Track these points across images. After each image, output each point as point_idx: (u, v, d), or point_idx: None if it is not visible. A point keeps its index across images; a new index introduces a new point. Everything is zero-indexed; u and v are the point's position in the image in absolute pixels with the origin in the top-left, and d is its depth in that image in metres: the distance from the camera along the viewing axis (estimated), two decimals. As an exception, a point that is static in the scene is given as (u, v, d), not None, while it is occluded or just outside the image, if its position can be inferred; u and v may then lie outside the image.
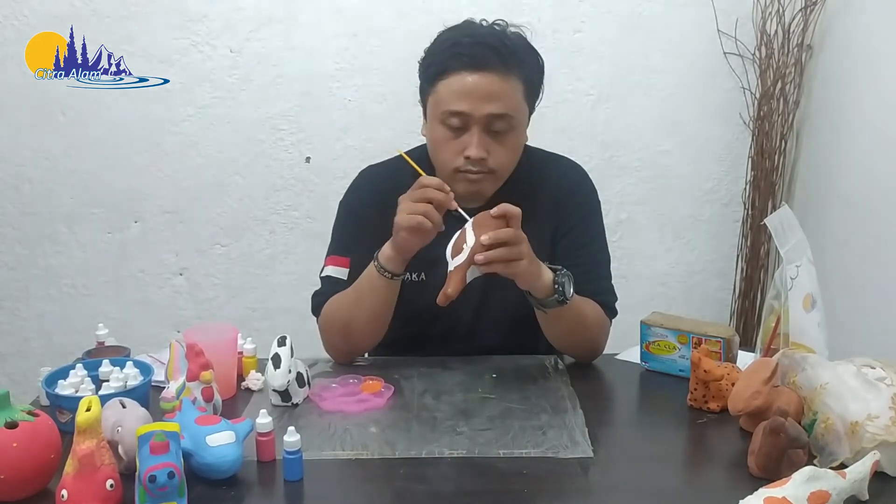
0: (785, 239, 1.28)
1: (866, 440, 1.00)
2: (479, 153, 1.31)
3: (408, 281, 1.41)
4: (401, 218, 1.25)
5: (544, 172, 1.47)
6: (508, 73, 1.31)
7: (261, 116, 2.36)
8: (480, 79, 1.29)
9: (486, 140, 1.32)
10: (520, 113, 1.35)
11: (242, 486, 1.01)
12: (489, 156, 1.32)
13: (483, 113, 1.30)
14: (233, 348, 1.33)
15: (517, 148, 1.38)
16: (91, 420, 0.93)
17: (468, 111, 1.30)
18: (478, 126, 1.31)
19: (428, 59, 1.37)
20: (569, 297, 1.28)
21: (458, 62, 1.30)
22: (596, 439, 1.12)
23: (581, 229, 1.45)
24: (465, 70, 1.30)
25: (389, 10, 2.30)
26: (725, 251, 2.52)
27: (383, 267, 1.32)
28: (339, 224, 1.49)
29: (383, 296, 1.35)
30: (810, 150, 2.33)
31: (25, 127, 2.33)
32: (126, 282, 2.45)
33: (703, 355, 1.22)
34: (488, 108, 1.30)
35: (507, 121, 1.32)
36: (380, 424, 1.17)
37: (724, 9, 2.31)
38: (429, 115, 1.38)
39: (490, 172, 1.34)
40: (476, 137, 1.31)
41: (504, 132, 1.33)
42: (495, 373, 1.35)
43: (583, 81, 2.37)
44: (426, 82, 1.37)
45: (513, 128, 1.34)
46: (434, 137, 1.36)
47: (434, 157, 1.39)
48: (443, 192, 1.25)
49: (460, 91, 1.30)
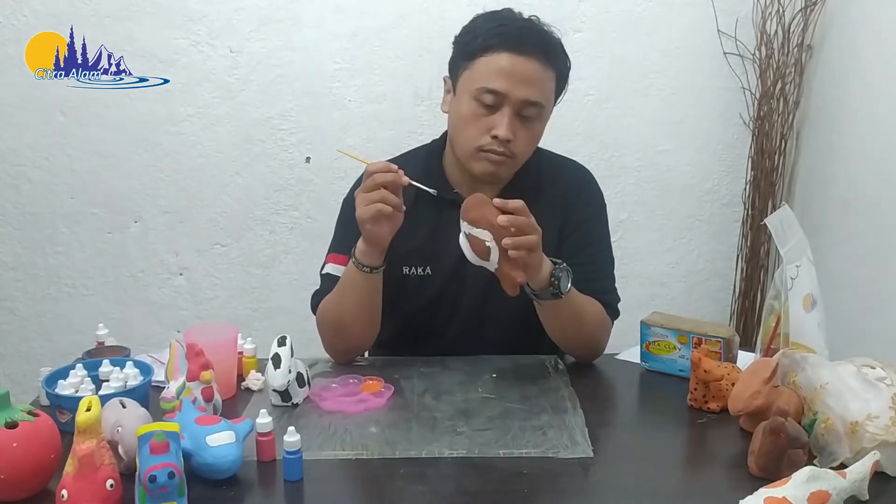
0: (785, 239, 1.28)
1: (866, 440, 1.00)
2: (507, 134, 1.31)
3: (413, 276, 1.42)
4: (360, 211, 1.26)
5: (553, 173, 1.48)
6: (548, 63, 1.33)
7: (261, 116, 2.36)
8: (523, 62, 1.31)
9: (515, 123, 1.33)
10: (549, 104, 1.37)
11: (242, 486, 1.01)
12: (514, 139, 1.33)
13: (519, 96, 1.31)
14: (233, 348, 1.33)
15: (538, 138, 1.40)
16: (91, 420, 0.93)
17: (505, 91, 1.31)
18: (510, 108, 1.32)
19: (468, 35, 1.37)
20: (564, 291, 1.28)
21: (504, 42, 1.31)
22: (596, 439, 1.12)
23: (586, 229, 1.46)
24: (509, 51, 1.31)
25: (389, 10, 2.30)
26: (725, 251, 2.52)
27: (360, 261, 1.32)
28: (341, 222, 1.49)
29: (365, 291, 1.35)
30: (810, 150, 2.33)
31: (25, 127, 2.33)
32: (126, 282, 2.45)
33: (703, 355, 1.22)
34: (525, 92, 1.31)
35: (538, 108, 1.34)
36: (380, 424, 1.17)
37: (724, 9, 2.32)
38: (459, 90, 1.37)
39: (511, 157, 1.35)
40: (507, 118, 1.32)
41: (532, 119, 1.34)
42: (495, 373, 1.35)
43: (583, 81, 2.37)
44: (464, 57, 1.36)
45: (540, 117, 1.36)
46: (462, 112, 1.35)
47: (457, 133, 1.38)
48: (390, 172, 1.25)
49: (501, 70, 1.31)
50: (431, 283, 1.43)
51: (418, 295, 1.43)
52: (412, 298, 1.42)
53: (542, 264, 1.26)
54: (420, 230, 1.40)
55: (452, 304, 1.44)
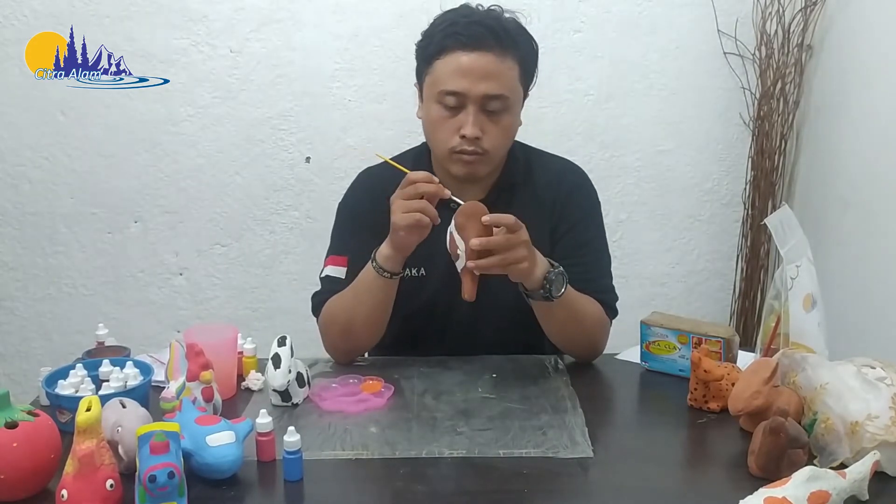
0: (785, 239, 1.28)
1: (866, 440, 1.00)
2: (474, 132, 1.31)
3: (407, 277, 1.42)
4: (397, 217, 1.25)
5: (544, 172, 1.47)
6: (504, 53, 1.32)
7: (261, 116, 2.36)
8: (477, 58, 1.30)
9: (481, 119, 1.32)
10: (515, 94, 1.35)
11: (242, 486, 1.01)
12: (484, 135, 1.33)
13: (479, 92, 1.31)
14: (233, 348, 1.33)
15: (511, 130, 1.38)
16: (91, 420, 0.93)
17: (464, 90, 1.31)
18: (473, 105, 1.31)
19: (425, 40, 1.38)
20: (555, 296, 1.28)
21: (455, 42, 1.31)
22: (596, 439, 1.12)
23: (581, 229, 1.45)
24: (462, 49, 1.31)
25: (389, 10, 2.30)
26: (725, 251, 2.52)
27: (381, 266, 1.32)
28: (337, 225, 1.50)
29: (382, 295, 1.35)
30: (810, 150, 2.33)
31: (25, 127, 2.33)
32: (126, 282, 2.45)
33: (703, 355, 1.22)
34: (484, 87, 1.30)
35: (502, 101, 1.33)
36: (380, 424, 1.17)
37: (724, 9, 2.31)
38: (425, 96, 1.39)
39: (484, 153, 1.34)
40: (472, 116, 1.32)
41: (499, 112, 1.33)
42: (495, 373, 1.35)
43: (583, 81, 2.37)
44: (423, 62, 1.38)
45: (507, 109, 1.34)
46: (430, 117, 1.37)
47: (429, 138, 1.40)
48: (432, 183, 1.25)
49: (457, 70, 1.31)
50: (426, 284, 1.43)
51: (414, 296, 1.43)
52: (408, 300, 1.42)
53: (535, 267, 1.25)
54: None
55: (448, 306, 1.44)
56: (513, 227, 1.21)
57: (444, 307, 1.44)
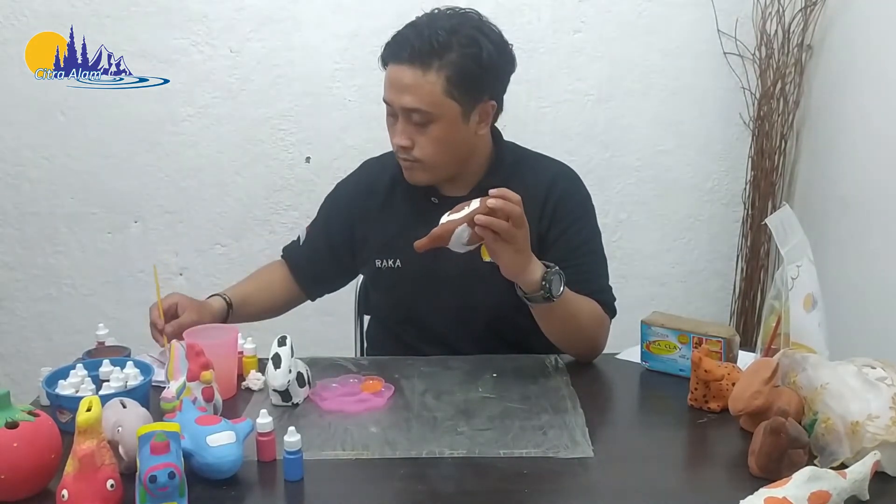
0: (785, 239, 1.28)
1: (867, 440, 1.00)
2: (399, 141, 1.36)
3: (384, 268, 1.45)
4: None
5: (534, 174, 1.47)
6: (427, 67, 1.32)
7: (261, 116, 2.36)
8: (398, 71, 1.34)
9: (409, 129, 1.35)
10: (439, 107, 1.33)
11: (242, 486, 1.01)
12: (415, 145, 1.36)
13: (400, 105, 1.34)
14: (233, 348, 1.33)
15: (443, 140, 1.36)
16: (91, 420, 0.93)
17: (389, 101, 1.36)
18: (401, 115, 1.35)
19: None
20: (556, 295, 1.27)
21: (387, 52, 1.37)
22: (596, 439, 1.12)
23: (574, 231, 1.45)
24: (391, 61, 1.35)
25: (389, 10, 2.29)
26: (725, 251, 2.52)
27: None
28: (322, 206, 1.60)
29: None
30: (810, 150, 2.33)
31: (25, 127, 2.33)
32: (126, 282, 2.44)
33: (703, 355, 1.22)
34: (402, 100, 1.33)
35: (421, 114, 1.34)
36: (380, 424, 1.17)
37: (724, 9, 2.31)
38: None
39: (416, 161, 1.37)
40: (399, 126, 1.36)
41: (424, 125, 1.35)
42: (495, 373, 1.35)
43: (583, 81, 2.37)
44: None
45: (432, 121, 1.34)
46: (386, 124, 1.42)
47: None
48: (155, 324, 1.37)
49: (387, 80, 1.36)
50: (403, 276, 1.46)
51: (392, 287, 1.46)
52: (388, 292, 1.46)
53: (528, 266, 1.25)
54: (393, 223, 1.45)
55: (430, 298, 1.45)
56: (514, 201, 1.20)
57: (427, 298, 1.45)
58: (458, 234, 1.19)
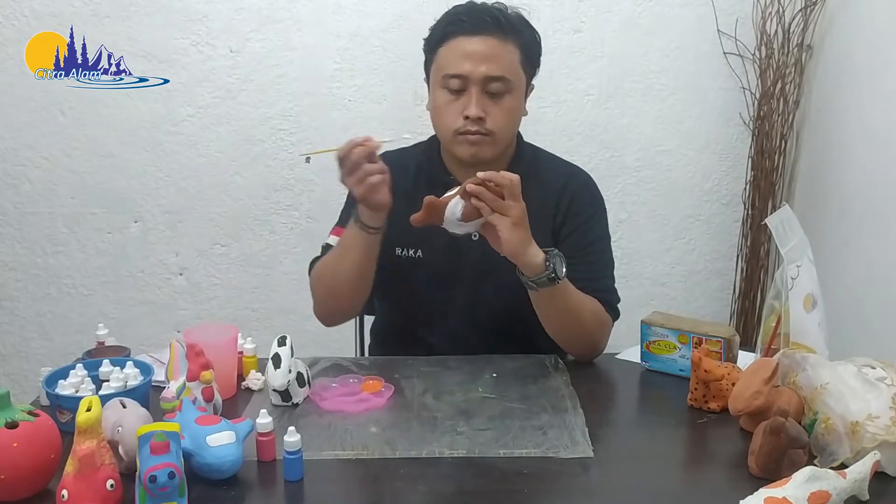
0: (785, 239, 1.28)
1: (867, 440, 1.00)
2: (477, 112, 1.35)
3: (404, 257, 1.44)
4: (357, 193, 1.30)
5: (551, 172, 1.49)
6: (505, 38, 1.37)
7: (261, 116, 2.36)
8: (479, 41, 1.35)
9: (484, 101, 1.36)
10: (517, 77, 1.39)
11: (242, 486, 1.01)
12: (487, 117, 1.36)
13: (480, 74, 1.35)
14: (233, 348, 1.33)
15: (515, 112, 1.41)
16: (91, 420, 0.93)
17: (466, 73, 1.35)
18: (476, 87, 1.35)
19: (431, 32, 1.43)
20: (560, 276, 1.28)
21: (458, 27, 1.37)
22: (596, 439, 1.12)
23: (585, 230, 1.47)
24: (464, 34, 1.36)
25: (389, 10, 2.30)
26: (725, 251, 2.52)
27: (363, 222, 1.35)
28: (348, 199, 1.53)
29: (363, 250, 1.38)
30: (810, 150, 2.33)
31: (25, 127, 2.33)
32: (126, 282, 2.44)
33: (703, 355, 1.22)
34: (485, 69, 1.35)
35: (503, 83, 1.37)
36: (380, 424, 1.17)
37: (724, 9, 2.31)
38: (431, 84, 1.43)
39: (488, 134, 1.37)
40: (474, 97, 1.36)
41: (501, 94, 1.37)
42: (495, 372, 1.35)
43: (583, 81, 2.37)
44: (429, 52, 1.43)
45: (510, 91, 1.38)
46: (436, 103, 1.41)
47: (436, 124, 1.43)
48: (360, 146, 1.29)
49: (459, 54, 1.36)
50: (423, 265, 1.46)
51: (411, 277, 1.45)
52: (406, 281, 1.45)
53: (529, 247, 1.26)
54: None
55: (446, 290, 1.45)
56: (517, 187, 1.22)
57: (442, 289, 1.45)
58: (452, 207, 1.21)
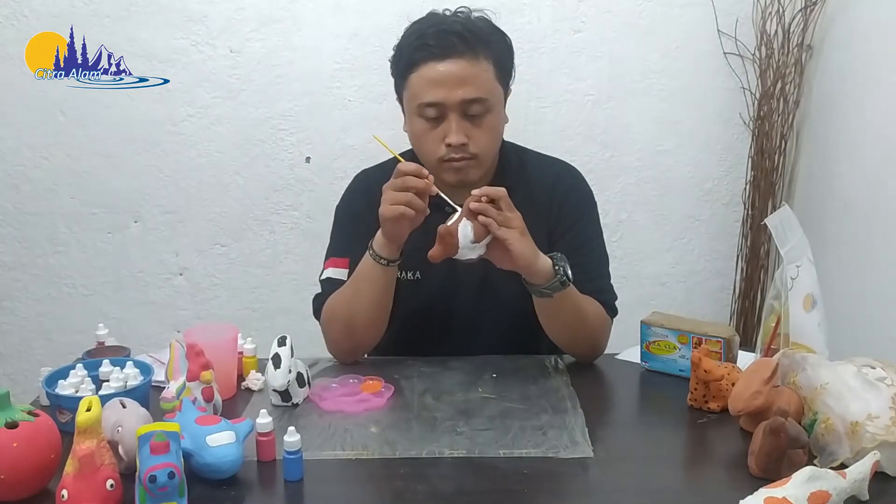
0: (785, 239, 1.28)
1: (866, 440, 1.00)
2: (459, 139, 1.32)
3: (403, 280, 1.42)
4: (384, 209, 1.26)
5: (539, 173, 1.47)
6: (476, 56, 1.32)
7: (261, 116, 2.36)
8: (450, 66, 1.31)
9: (464, 125, 1.33)
10: (494, 95, 1.35)
11: (242, 486, 1.01)
12: (470, 141, 1.33)
13: (457, 99, 1.31)
14: (233, 348, 1.33)
15: (496, 129, 1.38)
16: (91, 420, 0.93)
17: (442, 100, 1.31)
18: (454, 113, 1.32)
19: (397, 55, 1.39)
20: (571, 278, 1.28)
21: (426, 53, 1.32)
22: (596, 439, 1.12)
23: (577, 230, 1.45)
24: (434, 59, 1.31)
25: (389, 10, 2.29)
26: (725, 251, 2.51)
27: (378, 254, 1.32)
28: (336, 227, 1.50)
29: (381, 284, 1.35)
30: (810, 150, 2.33)
31: (25, 127, 2.33)
32: (126, 282, 2.44)
33: (703, 355, 1.22)
34: (462, 92, 1.31)
35: (482, 104, 1.33)
36: (380, 424, 1.17)
37: (724, 9, 2.31)
38: (406, 110, 1.40)
39: (473, 157, 1.35)
40: (454, 124, 1.32)
41: (481, 115, 1.34)
42: (495, 373, 1.35)
43: (583, 81, 2.37)
44: (398, 77, 1.39)
45: (489, 110, 1.34)
46: (414, 131, 1.38)
47: (417, 151, 1.40)
48: (421, 177, 1.25)
49: (432, 81, 1.32)
50: (422, 288, 1.43)
51: (410, 300, 1.43)
52: (405, 303, 1.42)
53: (537, 256, 1.26)
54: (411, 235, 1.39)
55: (445, 311, 1.44)
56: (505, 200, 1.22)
57: (442, 310, 1.44)
58: (463, 230, 1.20)
